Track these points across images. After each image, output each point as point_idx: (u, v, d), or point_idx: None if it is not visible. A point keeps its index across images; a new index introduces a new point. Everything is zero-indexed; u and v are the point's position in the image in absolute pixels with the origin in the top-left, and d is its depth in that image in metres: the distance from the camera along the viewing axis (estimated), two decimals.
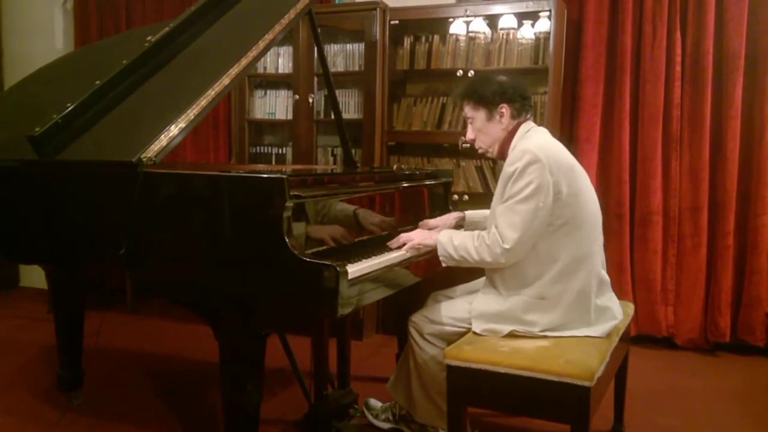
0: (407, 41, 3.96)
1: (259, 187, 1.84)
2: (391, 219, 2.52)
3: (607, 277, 2.29)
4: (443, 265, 2.25)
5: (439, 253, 2.22)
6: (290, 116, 4.14)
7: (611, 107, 3.77)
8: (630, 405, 2.63)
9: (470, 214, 2.66)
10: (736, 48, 3.52)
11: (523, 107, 2.28)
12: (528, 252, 2.13)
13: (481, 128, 2.31)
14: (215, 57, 2.41)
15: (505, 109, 2.26)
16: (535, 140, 2.19)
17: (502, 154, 2.30)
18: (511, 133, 2.28)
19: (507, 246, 2.08)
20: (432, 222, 2.59)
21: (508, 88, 2.26)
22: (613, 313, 2.26)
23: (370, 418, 2.63)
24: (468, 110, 2.33)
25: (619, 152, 3.74)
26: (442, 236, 2.24)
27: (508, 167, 2.15)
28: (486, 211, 2.61)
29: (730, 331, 3.65)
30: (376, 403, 2.68)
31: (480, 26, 3.73)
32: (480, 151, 2.38)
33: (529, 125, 2.29)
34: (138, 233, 2.00)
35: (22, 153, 2.22)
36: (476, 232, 2.19)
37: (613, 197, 3.74)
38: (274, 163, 4.27)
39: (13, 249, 2.47)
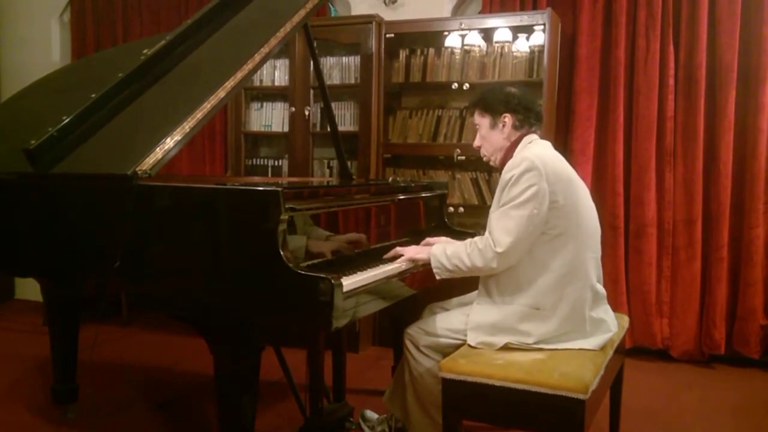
0: (403, 54, 3.98)
1: (254, 200, 1.85)
2: (363, 236, 2.43)
3: (603, 290, 2.29)
4: (437, 277, 2.25)
5: (433, 265, 2.23)
6: (286, 128, 4.15)
7: (605, 120, 3.79)
8: (625, 417, 2.62)
9: None
10: (729, 61, 3.55)
11: (526, 119, 2.30)
12: (522, 258, 2.14)
13: (485, 135, 2.36)
14: (211, 70, 2.42)
15: (507, 118, 2.29)
16: (535, 150, 2.22)
17: (503, 164, 2.31)
18: (514, 144, 2.30)
19: (499, 250, 2.09)
20: (432, 240, 2.57)
21: (512, 99, 2.30)
22: (608, 326, 2.26)
23: (367, 429, 2.62)
24: (476, 117, 2.38)
25: (614, 164, 3.76)
26: (435, 248, 2.25)
27: (506, 174, 2.17)
28: None
29: (725, 343, 3.66)
30: (372, 414, 2.67)
31: (475, 39, 3.76)
32: (485, 159, 2.41)
33: (531, 137, 2.31)
34: (133, 246, 1.99)
35: (17, 166, 2.23)
36: (469, 240, 2.20)
37: (607, 209, 3.74)
38: (270, 175, 4.28)
39: (8, 262, 2.46)
